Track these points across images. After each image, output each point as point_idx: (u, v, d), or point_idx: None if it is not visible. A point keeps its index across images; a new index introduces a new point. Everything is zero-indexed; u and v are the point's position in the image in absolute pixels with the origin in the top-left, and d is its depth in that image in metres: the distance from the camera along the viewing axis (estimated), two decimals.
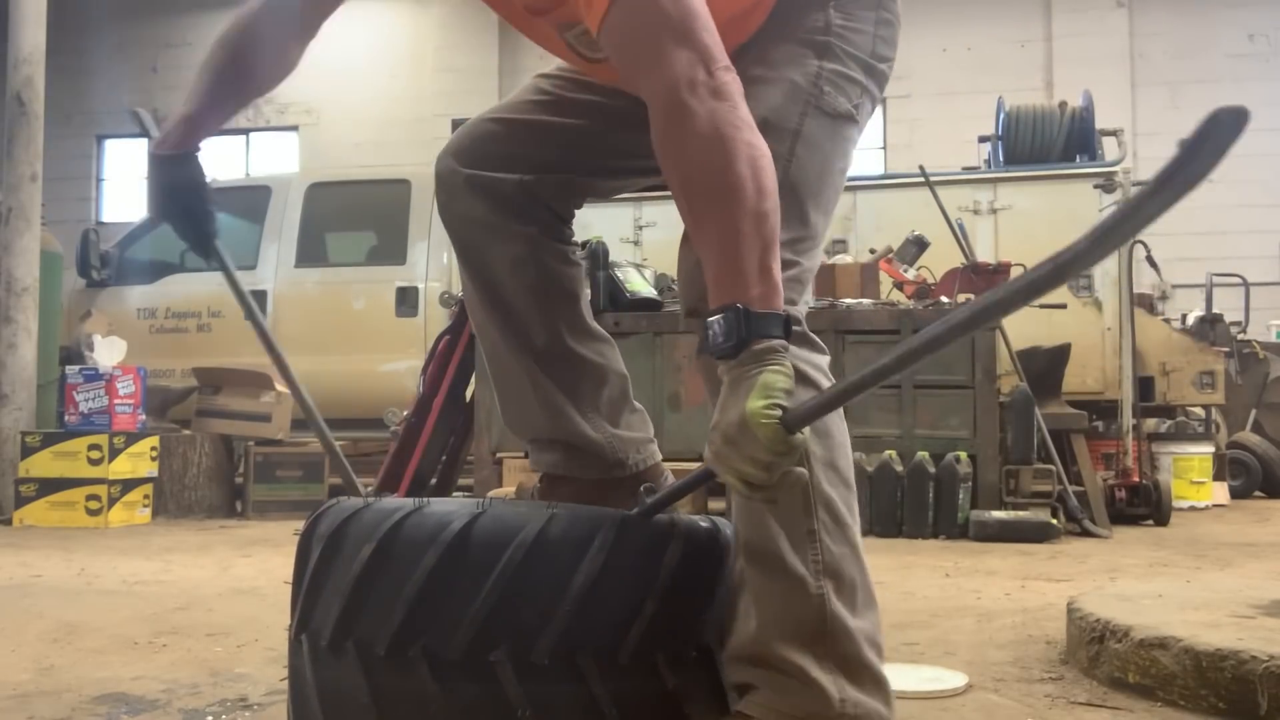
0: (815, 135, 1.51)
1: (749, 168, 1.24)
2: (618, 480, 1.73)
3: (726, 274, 1.23)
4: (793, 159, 1.48)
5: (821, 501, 1.38)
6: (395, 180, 7.64)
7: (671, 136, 1.27)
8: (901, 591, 3.32)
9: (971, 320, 1.07)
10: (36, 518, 5.43)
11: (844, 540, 1.38)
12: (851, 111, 1.55)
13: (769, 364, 1.20)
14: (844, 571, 1.37)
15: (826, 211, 1.55)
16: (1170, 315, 9.19)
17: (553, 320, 1.71)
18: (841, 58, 1.54)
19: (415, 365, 6.28)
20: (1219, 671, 1.86)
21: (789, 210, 1.43)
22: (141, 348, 6.74)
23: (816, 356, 1.46)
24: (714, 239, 1.25)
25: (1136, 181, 7.08)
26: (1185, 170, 0.85)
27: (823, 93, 1.52)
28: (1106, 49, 12.93)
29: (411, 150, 13.02)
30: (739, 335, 1.20)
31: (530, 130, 1.70)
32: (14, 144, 5.98)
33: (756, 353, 1.21)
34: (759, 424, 1.16)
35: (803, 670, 1.32)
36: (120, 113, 14.68)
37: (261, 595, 3.23)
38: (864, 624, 1.38)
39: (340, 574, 1.37)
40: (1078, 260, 0.95)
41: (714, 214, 1.25)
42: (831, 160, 1.54)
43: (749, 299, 1.21)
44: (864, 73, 1.56)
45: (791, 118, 1.49)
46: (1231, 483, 7.46)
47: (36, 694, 2.02)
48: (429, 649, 1.30)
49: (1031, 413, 5.16)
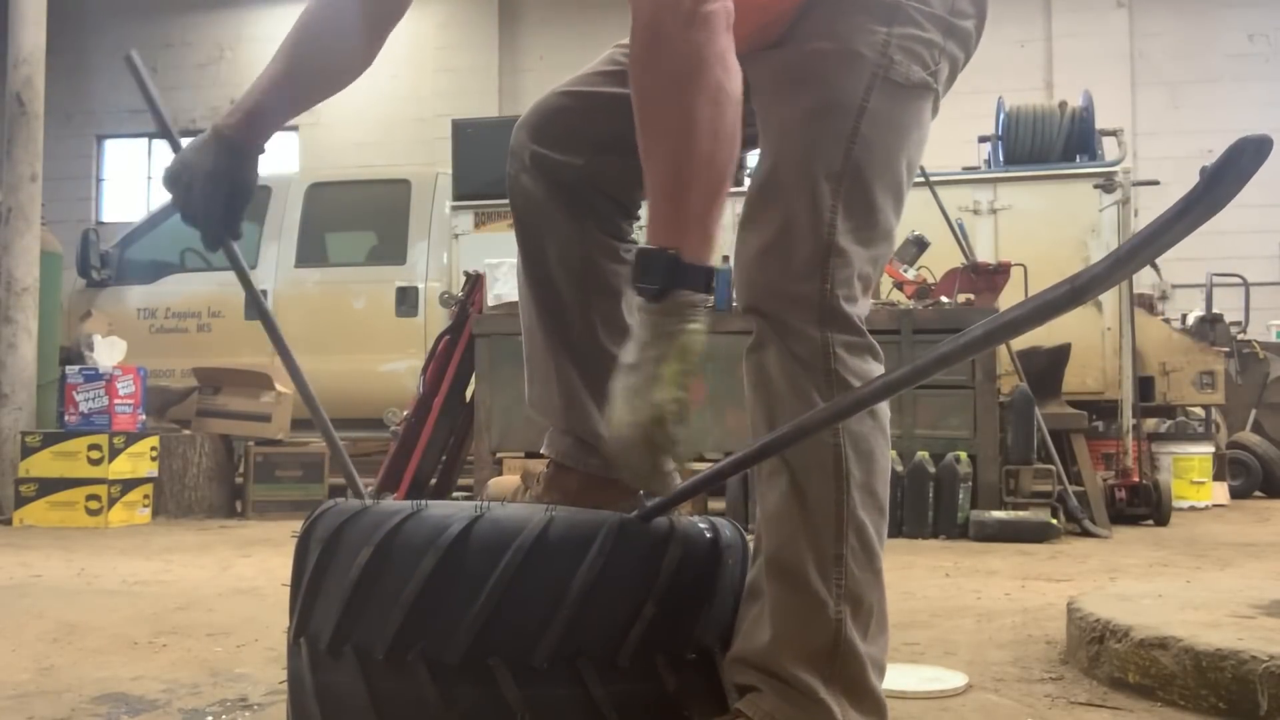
0: (884, 110, 1.40)
1: (710, 107, 1.20)
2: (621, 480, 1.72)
3: (666, 215, 1.22)
4: (856, 139, 1.38)
5: (854, 526, 1.36)
6: (395, 180, 7.64)
7: (641, 60, 1.24)
8: (901, 591, 3.32)
9: (980, 343, 1.08)
10: (36, 518, 5.43)
11: (869, 567, 1.37)
12: (927, 80, 1.43)
13: (689, 321, 1.20)
14: (864, 598, 1.36)
15: (898, 193, 1.44)
16: (1170, 315, 9.20)
17: (589, 314, 1.68)
18: (915, 19, 1.41)
19: (415, 365, 6.28)
20: (1219, 671, 1.86)
21: (853, 196, 1.38)
22: (141, 348, 6.74)
23: (875, 367, 1.41)
24: (661, 174, 1.22)
25: (1137, 181, 7.09)
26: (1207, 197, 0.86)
27: (893, 62, 1.39)
28: (1106, 49, 12.93)
29: (411, 150, 13.03)
30: (664, 282, 1.20)
31: (600, 104, 1.62)
32: (14, 144, 5.98)
33: (679, 304, 1.21)
34: (656, 431, 1.18)
35: (811, 688, 1.32)
36: (120, 113, 14.71)
37: (261, 595, 3.23)
38: (873, 649, 1.37)
39: (338, 577, 1.37)
40: (1095, 283, 0.95)
41: (665, 148, 1.22)
42: (905, 135, 1.43)
43: (682, 245, 1.21)
44: (943, 33, 1.44)
45: (856, 93, 1.38)
46: (1231, 483, 7.46)
47: (36, 694, 2.02)
48: (428, 653, 1.30)
49: (1031, 413, 5.16)
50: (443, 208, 7.34)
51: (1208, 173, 0.85)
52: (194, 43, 15.06)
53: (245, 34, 14.80)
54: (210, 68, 15.02)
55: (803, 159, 1.40)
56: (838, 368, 1.37)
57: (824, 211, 1.38)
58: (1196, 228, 0.88)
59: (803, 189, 1.39)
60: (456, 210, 7.18)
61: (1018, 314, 1.03)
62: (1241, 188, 0.86)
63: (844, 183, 1.38)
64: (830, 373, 1.37)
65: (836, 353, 1.37)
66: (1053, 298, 0.96)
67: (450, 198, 7.25)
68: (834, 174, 1.39)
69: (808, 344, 1.37)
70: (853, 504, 1.36)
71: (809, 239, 1.38)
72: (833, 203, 1.38)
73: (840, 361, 1.37)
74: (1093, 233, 6.64)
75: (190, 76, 14.92)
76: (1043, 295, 0.97)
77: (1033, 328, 1.03)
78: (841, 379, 1.37)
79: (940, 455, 5.05)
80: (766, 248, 1.40)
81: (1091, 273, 0.94)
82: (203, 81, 14.94)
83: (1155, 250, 0.92)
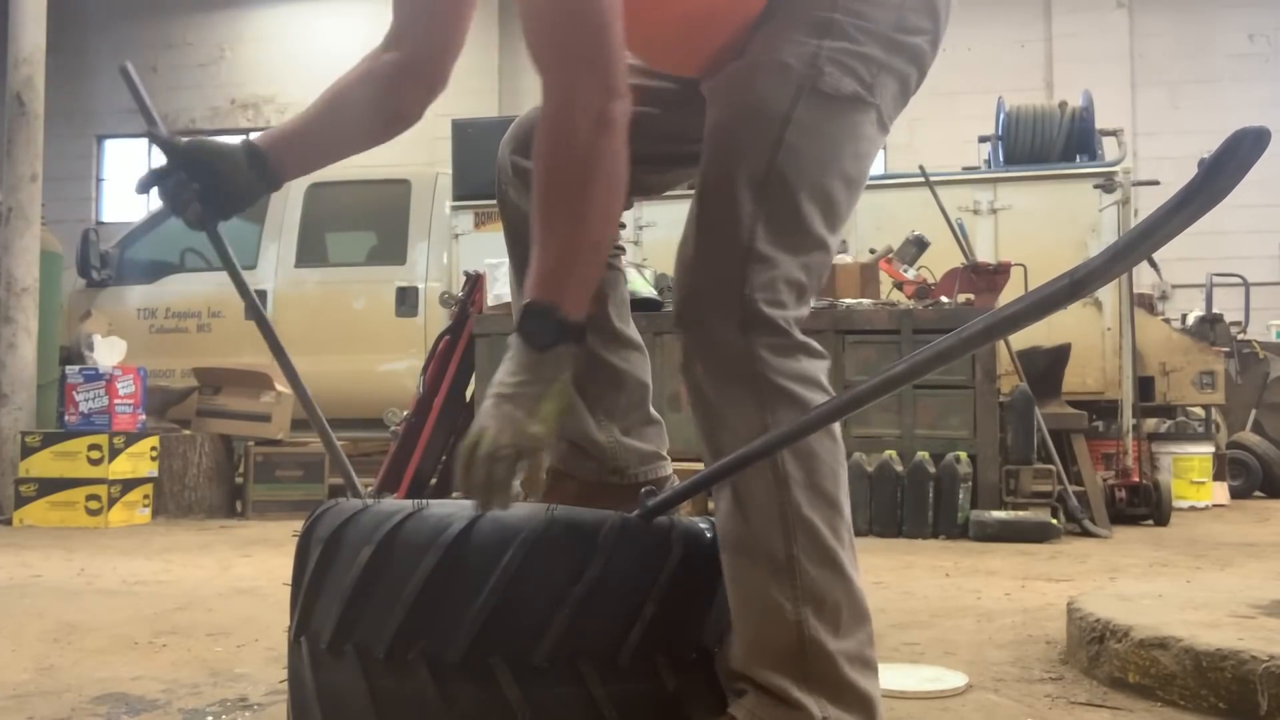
0: (812, 120, 1.41)
1: (605, 194, 1.32)
2: (622, 484, 1.73)
3: (557, 278, 1.32)
4: (781, 147, 1.40)
5: (802, 527, 1.35)
6: (395, 180, 7.63)
7: (548, 149, 1.33)
8: (901, 591, 3.32)
9: (980, 338, 1.07)
10: (36, 518, 5.43)
11: (827, 564, 1.36)
12: (860, 93, 1.44)
13: (565, 370, 1.32)
14: (825, 595, 1.35)
15: (828, 204, 1.44)
16: (1170, 315, 9.20)
17: None
18: (850, 34, 1.43)
19: (415, 365, 6.28)
20: (1219, 671, 1.86)
21: (777, 203, 1.39)
22: (141, 348, 6.74)
23: (810, 364, 1.41)
24: (555, 245, 1.32)
25: (1137, 181, 7.09)
26: (1206, 189, 0.86)
27: (821, 73, 1.42)
28: (1106, 49, 12.93)
29: (411, 150, 12.96)
30: (552, 338, 1.31)
31: None
32: (14, 144, 5.98)
33: (560, 354, 1.31)
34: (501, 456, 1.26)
35: (784, 690, 1.32)
36: (120, 113, 14.70)
37: (261, 595, 3.23)
38: (847, 644, 1.35)
39: (339, 576, 1.37)
40: (1094, 276, 0.95)
41: (563, 225, 1.32)
42: (838, 147, 1.44)
43: (566, 305, 1.31)
44: (884, 48, 1.45)
45: (782, 102, 1.41)
46: (1231, 483, 7.46)
47: (36, 694, 2.02)
48: (428, 652, 1.30)
49: (1031, 413, 5.16)
50: (443, 208, 7.34)
51: (1206, 163, 0.85)
52: (194, 43, 15.05)
53: (245, 34, 14.79)
54: (210, 68, 15.02)
55: (726, 165, 1.43)
56: (764, 371, 1.36)
57: (744, 217, 1.39)
58: (1195, 220, 0.88)
59: (724, 194, 1.41)
60: (456, 210, 7.18)
61: (1017, 308, 1.03)
62: (1240, 178, 0.85)
63: (768, 189, 1.39)
64: (757, 377, 1.36)
65: (761, 355, 1.36)
66: (1051, 291, 0.96)
67: (450, 198, 7.25)
68: (757, 181, 1.40)
69: (729, 350, 1.37)
70: (796, 505, 1.35)
71: (728, 244, 1.39)
72: (754, 208, 1.39)
73: (766, 365, 1.36)
74: (1093, 233, 6.64)
75: (190, 76, 14.92)
76: (1042, 289, 0.97)
77: (1032, 322, 1.02)
78: (770, 382, 1.36)
79: (940, 455, 5.06)
80: (689, 253, 1.43)
81: (1090, 266, 0.94)
82: (203, 81, 14.94)
83: (1154, 244, 0.92)
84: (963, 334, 1.06)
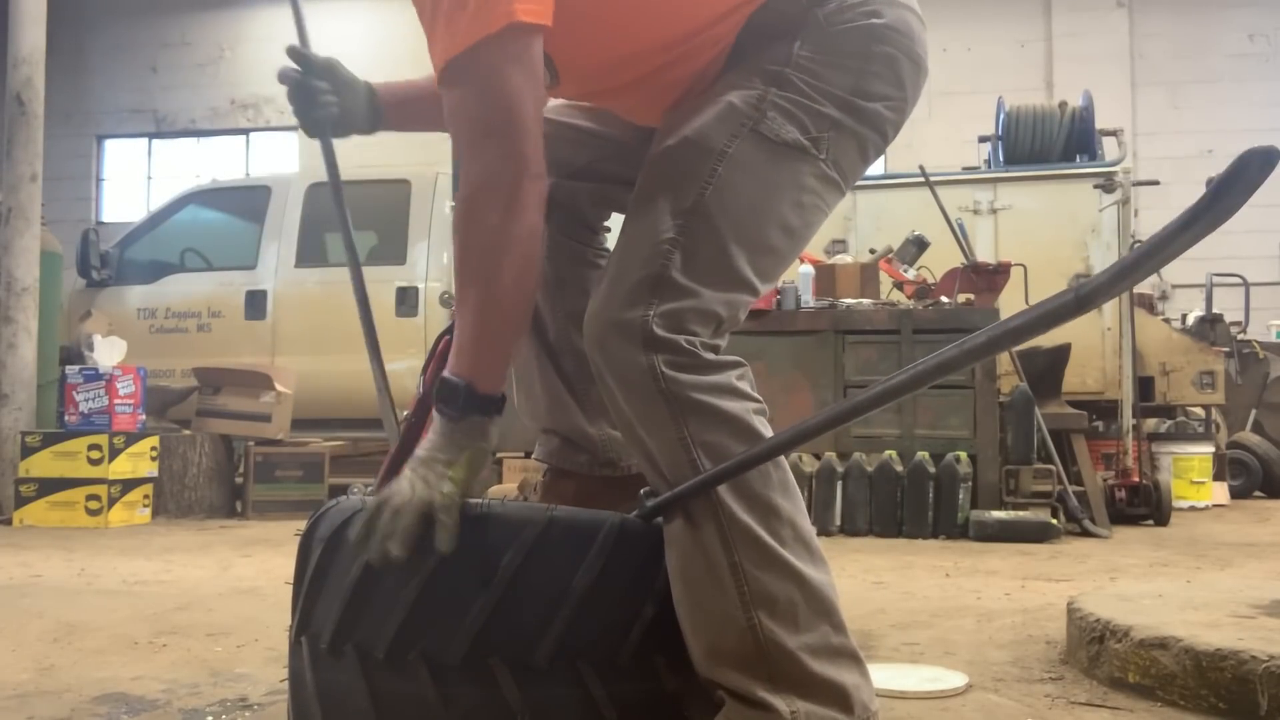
0: (749, 161, 1.42)
1: (515, 272, 1.35)
2: (621, 479, 1.73)
3: (469, 353, 1.38)
4: (713, 180, 1.41)
5: (738, 533, 1.34)
6: (395, 180, 7.63)
7: (461, 227, 1.36)
8: (901, 591, 3.32)
9: (982, 350, 1.08)
10: (36, 518, 5.43)
11: (769, 564, 1.34)
12: (803, 142, 1.43)
13: (478, 440, 1.37)
14: (776, 595, 1.34)
15: (758, 248, 1.42)
16: (1170, 315, 9.20)
17: (562, 316, 1.76)
18: (802, 89, 1.44)
19: (415, 365, 6.23)
20: (1219, 671, 1.86)
21: (700, 236, 1.39)
22: (141, 348, 6.73)
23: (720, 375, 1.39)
24: (468, 320, 1.38)
25: (1136, 181, 7.09)
26: (1213, 209, 0.86)
27: (764, 116, 1.43)
28: (1106, 49, 12.94)
29: (411, 150, 12.98)
30: (462, 410, 1.36)
31: (570, 135, 1.72)
32: (14, 144, 5.98)
33: (472, 425, 1.37)
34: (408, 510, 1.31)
35: (749, 691, 1.31)
36: (120, 113, 14.71)
37: (261, 595, 3.23)
38: (809, 638, 1.34)
39: (340, 576, 1.37)
40: (1099, 293, 0.95)
41: (474, 301, 1.36)
42: (774, 193, 1.43)
43: (478, 380, 1.36)
44: (839, 108, 1.45)
45: (720, 138, 1.42)
46: (1231, 483, 7.46)
47: (36, 694, 2.02)
48: (428, 652, 1.30)
49: (1031, 413, 5.16)
50: (443, 208, 7.33)
51: (1214, 184, 0.85)
52: (194, 43, 15.05)
53: (245, 34, 14.79)
54: (210, 67, 15.01)
55: (655, 191, 1.44)
56: (669, 387, 1.35)
57: (661, 244, 1.39)
58: (1201, 239, 0.89)
59: (646, 218, 1.42)
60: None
61: (1020, 322, 1.03)
62: (1247, 199, 0.86)
63: (693, 220, 1.39)
64: (664, 392, 1.35)
65: (664, 372, 1.35)
66: (1056, 306, 0.96)
67: (450, 198, 7.25)
68: (683, 210, 1.40)
69: (633, 369, 1.36)
70: (728, 512, 1.34)
71: (641, 267, 1.39)
72: (674, 235, 1.39)
73: (671, 380, 1.35)
74: (1092, 233, 6.65)
75: (190, 76, 14.92)
76: (1046, 304, 0.97)
77: (1035, 335, 1.03)
78: (679, 396, 1.35)
79: (940, 455, 5.06)
80: (604, 273, 1.44)
81: (1095, 283, 0.94)
82: (203, 81, 14.94)
83: (1160, 261, 0.92)
84: (965, 345, 1.06)
